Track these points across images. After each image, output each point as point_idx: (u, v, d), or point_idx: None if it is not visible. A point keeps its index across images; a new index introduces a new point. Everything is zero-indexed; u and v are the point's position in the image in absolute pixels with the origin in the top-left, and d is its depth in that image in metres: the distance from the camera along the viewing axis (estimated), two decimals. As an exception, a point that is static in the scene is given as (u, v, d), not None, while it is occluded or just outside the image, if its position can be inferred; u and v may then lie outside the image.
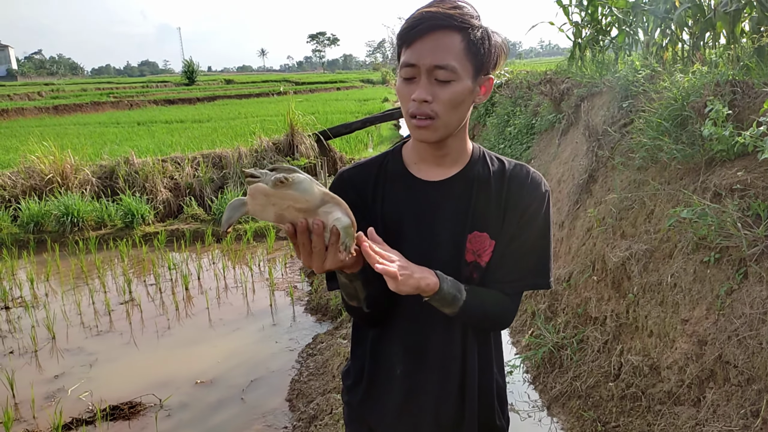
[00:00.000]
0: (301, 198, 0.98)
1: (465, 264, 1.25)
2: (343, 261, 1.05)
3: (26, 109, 25.95)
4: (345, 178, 1.30)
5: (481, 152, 1.30)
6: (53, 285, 5.90)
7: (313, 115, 11.93)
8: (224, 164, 8.91)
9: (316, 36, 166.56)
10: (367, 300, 1.19)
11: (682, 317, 2.61)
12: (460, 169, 1.26)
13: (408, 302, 1.25)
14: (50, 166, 8.30)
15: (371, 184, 1.28)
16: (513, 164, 1.29)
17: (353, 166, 1.33)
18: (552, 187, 5.03)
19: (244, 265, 6.33)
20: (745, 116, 2.85)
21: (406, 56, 1.14)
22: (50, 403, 3.65)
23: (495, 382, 1.37)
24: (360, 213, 1.20)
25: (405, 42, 1.15)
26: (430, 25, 1.11)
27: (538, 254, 1.27)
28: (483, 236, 1.24)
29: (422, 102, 1.13)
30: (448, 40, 1.12)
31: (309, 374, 3.88)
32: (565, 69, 6.64)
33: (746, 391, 2.14)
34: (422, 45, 1.12)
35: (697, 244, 2.66)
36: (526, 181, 1.26)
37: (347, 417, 1.42)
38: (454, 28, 1.12)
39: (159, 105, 29.70)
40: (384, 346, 1.31)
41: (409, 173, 1.28)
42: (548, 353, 3.52)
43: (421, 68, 1.12)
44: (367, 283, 1.16)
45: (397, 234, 1.24)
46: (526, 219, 1.24)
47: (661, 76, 3.90)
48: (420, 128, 1.16)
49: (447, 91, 1.13)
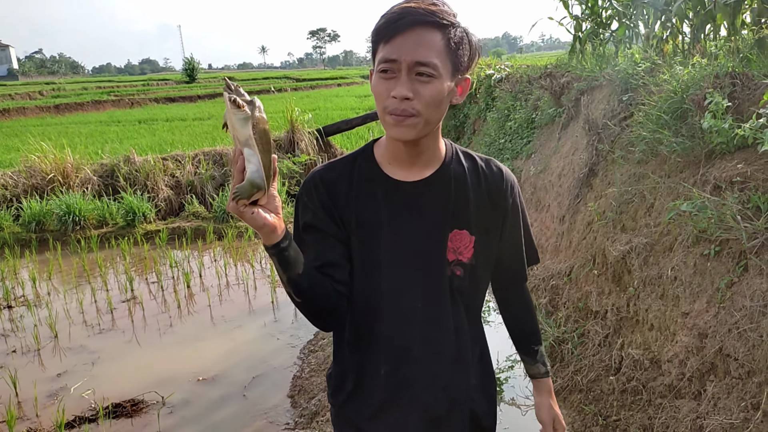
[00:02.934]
0: (236, 128, 1.01)
1: (446, 262, 1.25)
2: (239, 210, 1.03)
3: (27, 109, 25.96)
4: (317, 179, 1.26)
5: (453, 149, 1.31)
6: (55, 284, 5.91)
7: (314, 111, 11.92)
8: (225, 162, 8.90)
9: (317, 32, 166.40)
10: (291, 285, 1.14)
11: (682, 310, 2.61)
12: (435, 169, 1.26)
13: (389, 302, 1.25)
14: (51, 165, 8.31)
15: (344, 185, 1.25)
16: (484, 161, 1.32)
17: (324, 166, 1.30)
18: (552, 181, 5.02)
19: (245, 262, 6.34)
20: (744, 108, 2.84)
21: (386, 51, 1.11)
22: (53, 402, 3.66)
23: (485, 376, 1.38)
24: (330, 213, 1.23)
25: (384, 37, 1.12)
26: (413, 20, 1.09)
27: (528, 240, 1.41)
28: (463, 233, 1.26)
29: (403, 99, 1.10)
30: (429, 37, 1.10)
31: (311, 370, 3.88)
32: (566, 63, 6.61)
33: (747, 384, 2.14)
34: (404, 40, 1.09)
35: (698, 237, 2.65)
36: (500, 179, 1.31)
37: (334, 419, 1.40)
38: (435, 25, 1.10)
39: (160, 103, 29.67)
40: (364, 345, 1.29)
41: (383, 173, 1.26)
42: (549, 347, 3.52)
43: (402, 64, 1.10)
44: (285, 264, 1.11)
45: (376, 236, 1.23)
46: (511, 215, 1.33)
47: (661, 68, 3.88)
48: (398, 126, 1.13)
49: (428, 89, 1.11)
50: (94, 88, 39.95)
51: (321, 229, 1.22)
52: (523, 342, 1.49)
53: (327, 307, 1.22)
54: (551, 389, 1.48)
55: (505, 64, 9.63)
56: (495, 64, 9.63)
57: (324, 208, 1.24)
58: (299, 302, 1.18)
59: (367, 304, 1.26)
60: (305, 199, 1.25)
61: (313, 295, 1.18)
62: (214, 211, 7.84)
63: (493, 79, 8.47)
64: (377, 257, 1.24)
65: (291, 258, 1.11)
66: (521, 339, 1.49)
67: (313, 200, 1.24)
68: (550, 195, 4.99)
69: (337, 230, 1.24)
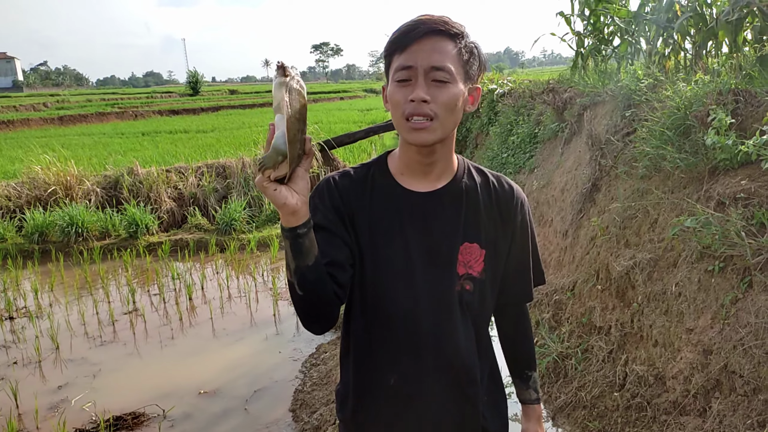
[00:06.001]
0: (274, 94, 1.02)
1: (457, 276, 1.25)
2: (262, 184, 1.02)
3: (31, 120, 26.13)
4: (331, 183, 1.27)
5: (465, 164, 1.32)
6: (57, 295, 5.91)
7: (317, 124, 11.97)
8: (228, 174, 8.94)
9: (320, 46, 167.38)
10: (297, 275, 1.11)
11: (686, 326, 2.60)
12: (448, 181, 1.27)
13: (398, 314, 1.24)
14: (55, 177, 8.34)
15: (358, 192, 1.27)
16: (494, 176, 1.34)
17: (341, 173, 1.31)
18: (555, 195, 5.02)
19: (247, 275, 6.34)
20: (748, 125, 2.85)
21: (402, 59, 1.15)
22: (54, 414, 3.65)
23: (497, 393, 1.38)
24: (340, 217, 1.23)
25: (399, 47, 1.16)
26: (427, 29, 1.14)
27: (535, 259, 1.41)
28: (473, 247, 1.26)
29: (421, 102, 1.13)
30: (443, 44, 1.15)
31: (312, 384, 3.87)
32: (568, 78, 6.64)
33: (752, 401, 2.12)
34: (419, 48, 1.14)
35: (702, 253, 2.65)
36: (511, 196, 1.32)
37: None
38: (447, 35, 1.16)
39: (163, 115, 29.85)
40: (372, 358, 1.29)
41: (397, 183, 1.27)
42: (553, 363, 3.51)
43: (419, 69, 1.13)
44: (297, 251, 1.09)
45: (387, 244, 1.24)
46: (520, 232, 1.33)
47: (663, 85, 3.90)
48: (417, 129, 1.15)
49: (444, 93, 1.15)
50: (99, 100, 40.22)
51: (330, 230, 1.22)
52: (517, 366, 1.47)
53: (324, 308, 1.19)
54: (540, 416, 1.47)
55: (507, 78, 9.68)
56: (497, 79, 9.68)
57: (335, 211, 1.24)
58: (300, 295, 1.14)
59: (375, 315, 1.26)
60: (317, 200, 1.26)
61: (315, 291, 1.14)
62: (217, 223, 7.86)
63: (495, 94, 8.51)
64: (387, 267, 1.24)
65: (304, 247, 1.09)
66: (515, 362, 1.47)
67: (325, 202, 1.24)
68: (553, 210, 4.99)
69: (345, 234, 1.24)
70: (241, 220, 7.85)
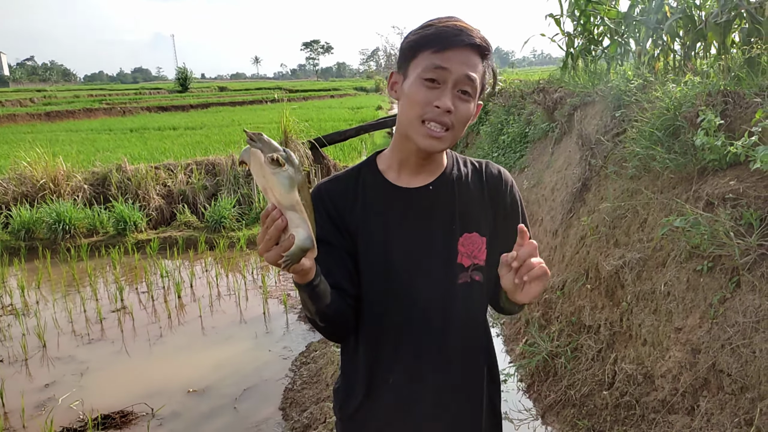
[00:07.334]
0: (278, 190, 0.94)
1: (462, 269, 1.25)
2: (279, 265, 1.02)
3: (18, 116, 25.80)
4: (322, 191, 1.28)
5: (453, 156, 1.34)
6: (44, 292, 5.85)
7: (307, 122, 11.92)
8: (217, 171, 8.88)
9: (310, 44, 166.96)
10: (318, 314, 1.17)
11: (675, 326, 2.62)
12: (438, 174, 1.29)
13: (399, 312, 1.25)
14: (42, 173, 8.25)
15: (350, 196, 1.27)
16: (482, 163, 1.35)
17: (329, 179, 1.32)
18: (545, 195, 5.05)
19: (237, 273, 6.31)
20: (736, 126, 2.88)
21: (438, 59, 1.14)
22: (41, 413, 3.61)
23: (493, 386, 1.38)
24: (336, 225, 1.24)
25: (435, 46, 1.15)
26: (469, 41, 1.15)
27: None
28: (473, 236, 1.27)
29: (446, 111, 1.14)
30: (476, 60, 1.17)
31: (302, 383, 3.86)
32: (558, 78, 6.68)
33: (740, 400, 2.15)
34: (455, 55, 1.14)
35: (690, 253, 2.67)
36: (499, 179, 1.34)
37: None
38: (480, 52, 1.18)
39: (152, 112, 29.58)
40: (374, 356, 1.29)
41: (388, 182, 1.28)
42: (542, 362, 3.53)
43: (453, 74, 1.14)
44: (316, 298, 1.13)
45: (384, 244, 1.24)
46: (512, 212, 1.34)
47: (653, 85, 3.93)
48: (433, 137, 1.16)
49: (465, 107, 1.17)
50: (86, 96, 39.84)
51: (328, 242, 1.22)
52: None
53: (346, 325, 1.26)
54: None
55: (498, 78, 9.70)
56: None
57: (330, 220, 1.25)
58: (322, 326, 1.22)
59: (377, 315, 1.26)
60: None
61: (336, 321, 1.21)
62: (206, 220, 7.81)
63: (485, 93, 8.54)
64: (386, 267, 1.24)
65: (321, 292, 1.12)
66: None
67: (320, 212, 1.24)
68: (543, 209, 5.02)
69: (344, 241, 1.25)
70: (230, 217, 7.81)
